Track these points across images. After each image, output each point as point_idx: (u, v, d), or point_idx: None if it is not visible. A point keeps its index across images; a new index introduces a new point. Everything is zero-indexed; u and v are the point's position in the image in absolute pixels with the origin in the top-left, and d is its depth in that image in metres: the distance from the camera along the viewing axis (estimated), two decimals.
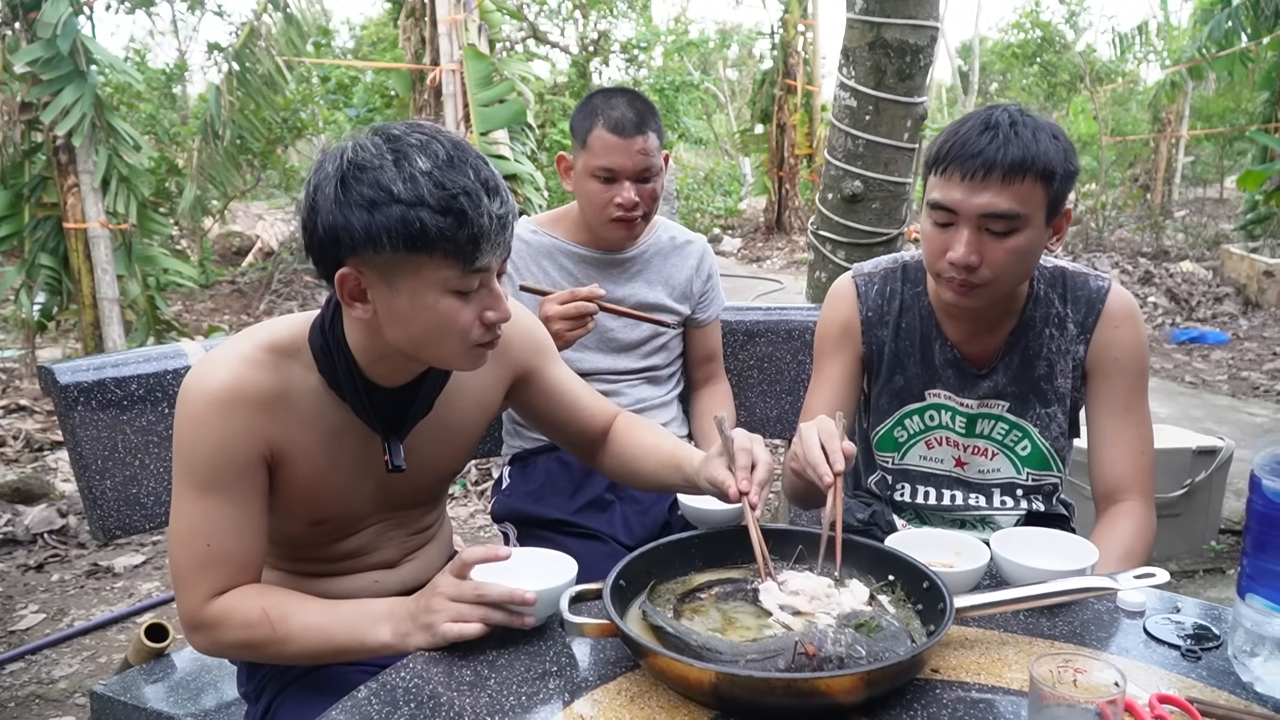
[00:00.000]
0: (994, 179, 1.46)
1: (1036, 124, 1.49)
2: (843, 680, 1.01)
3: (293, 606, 1.23)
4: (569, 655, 1.18)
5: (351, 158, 1.14)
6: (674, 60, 16.61)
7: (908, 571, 1.25)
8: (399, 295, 1.17)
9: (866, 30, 2.72)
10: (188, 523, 1.22)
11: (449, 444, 1.43)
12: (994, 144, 1.45)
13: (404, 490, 1.42)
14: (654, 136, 1.95)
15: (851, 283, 1.79)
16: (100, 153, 5.46)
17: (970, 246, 1.50)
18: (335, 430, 1.30)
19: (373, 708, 1.07)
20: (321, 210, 1.15)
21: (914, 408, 1.75)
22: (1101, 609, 1.29)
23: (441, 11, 6.42)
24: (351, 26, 15.98)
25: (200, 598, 1.23)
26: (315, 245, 1.18)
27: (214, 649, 1.28)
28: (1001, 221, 1.48)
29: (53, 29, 5.07)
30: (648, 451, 1.47)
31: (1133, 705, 1.05)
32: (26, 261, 5.69)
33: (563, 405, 1.53)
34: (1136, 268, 9.68)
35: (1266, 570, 1.08)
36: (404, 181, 1.11)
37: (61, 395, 1.68)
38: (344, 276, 1.17)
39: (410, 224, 1.11)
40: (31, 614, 3.19)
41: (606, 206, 1.96)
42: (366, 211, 1.12)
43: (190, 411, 1.21)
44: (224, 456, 1.20)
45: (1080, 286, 1.68)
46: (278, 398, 1.23)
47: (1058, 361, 1.68)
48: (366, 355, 1.27)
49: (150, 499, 1.77)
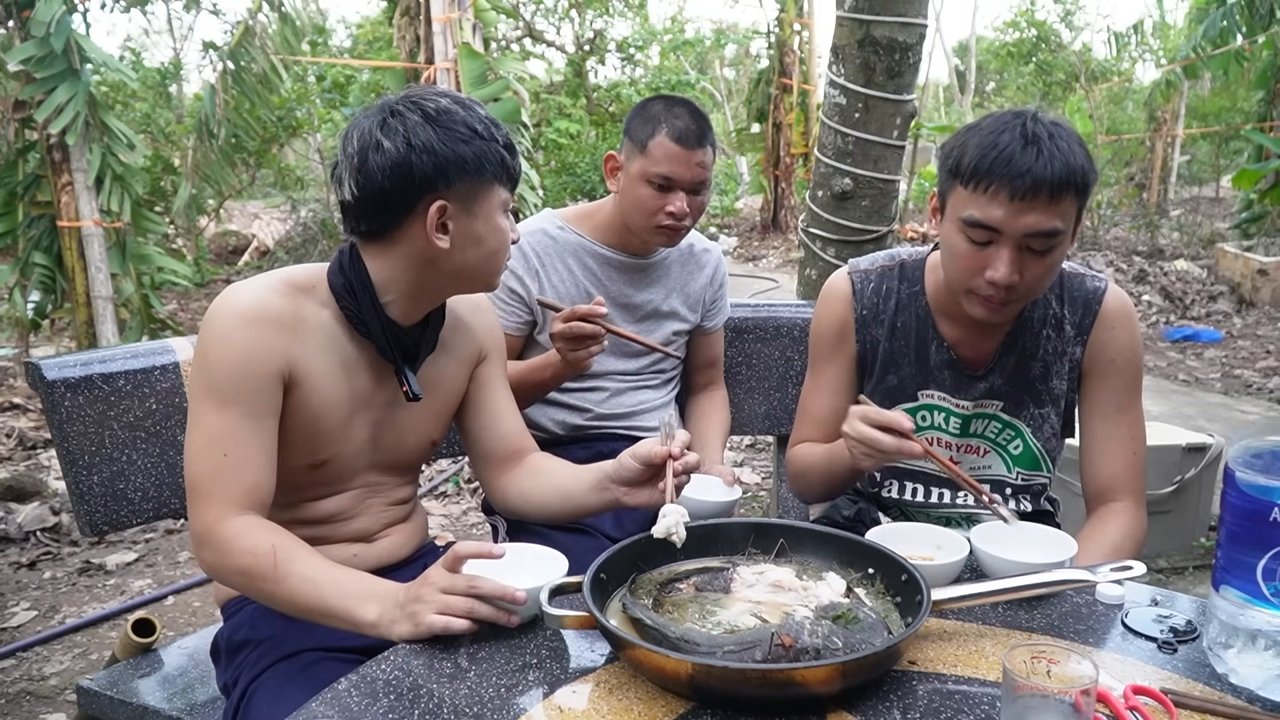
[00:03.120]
0: (1041, 198, 1.41)
1: (1068, 134, 1.46)
2: (818, 671, 1.02)
3: (300, 554, 1.27)
4: (549, 648, 1.18)
5: (429, 106, 1.33)
6: (670, 59, 16.61)
7: (887, 564, 1.26)
8: (477, 219, 1.37)
9: (856, 28, 2.73)
10: (205, 434, 1.29)
11: (434, 405, 1.54)
12: (1040, 161, 1.40)
13: (391, 445, 1.52)
14: (711, 150, 1.95)
15: (847, 279, 1.76)
16: (94, 151, 5.46)
17: (1013, 266, 1.45)
18: (346, 363, 1.41)
19: (353, 699, 1.07)
20: (417, 149, 1.31)
21: (906, 407, 1.72)
22: (1080, 602, 1.30)
23: (436, 10, 6.43)
24: (348, 25, 15.96)
25: (215, 512, 1.27)
26: (406, 184, 1.31)
27: (217, 570, 1.30)
28: (1044, 240, 1.44)
29: (46, 27, 5.07)
30: (579, 471, 1.51)
31: (1107, 696, 1.05)
32: (20, 260, 5.69)
33: (493, 407, 1.62)
34: (1131, 266, 9.70)
35: (1240, 562, 1.09)
36: (480, 123, 1.35)
37: (48, 391, 1.68)
38: (440, 208, 1.34)
39: (493, 155, 1.35)
40: (23, 611, 3.19)
41: (657, 214, 1.94)
42: (466, 144, 1.33)
43: (216, 327, 1.31)
44: (246, 369, 1.30)
45: (1077, 287, 1.67)
46: (297, 323, 1.35)
47: (1054, 363, 1.68)
48: (389, 291, 1.40)
49: (138, 495, 1.77)
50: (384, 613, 1.20)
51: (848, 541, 1.32)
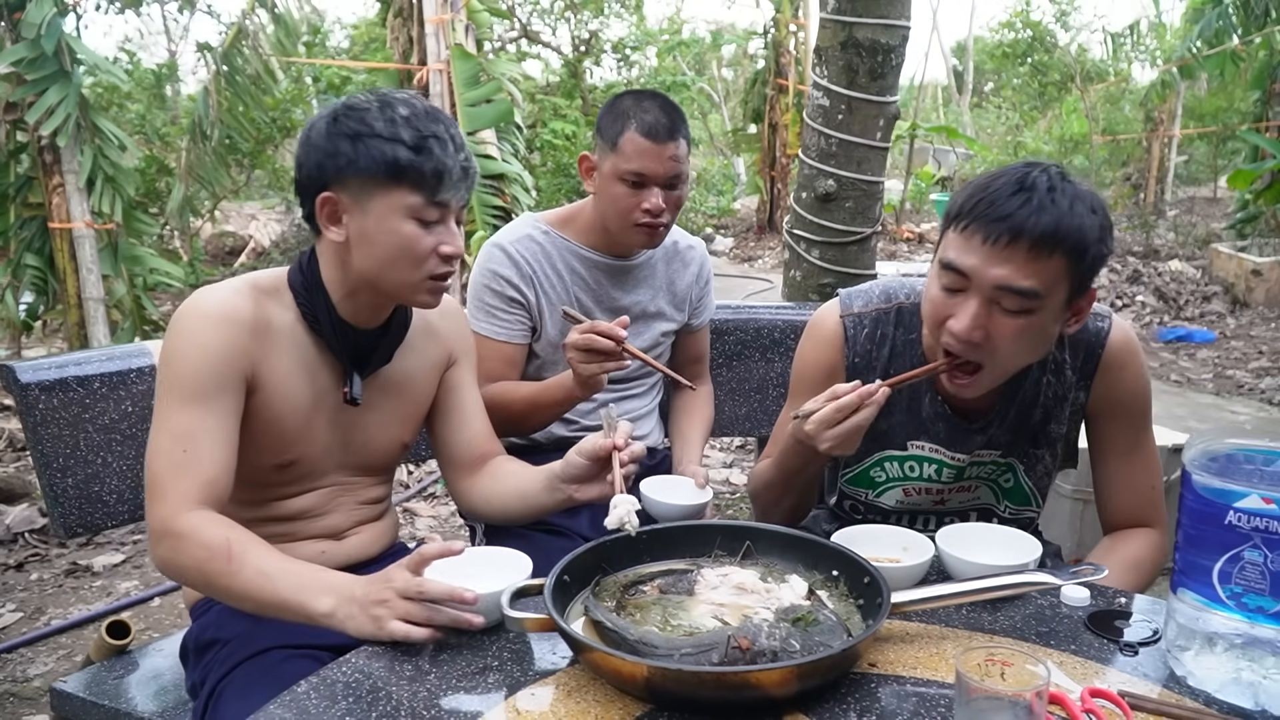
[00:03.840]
0: (1019, 249, 1.29)
1: (1076, 192, 1.33)
2: (773, 674, 1.02)
3: (255, 548, 1.26)
4: (512, 650, 1.19)
5: (345, 102, 1.38)
6: (667, 60, 16.61)
7: (850, 566, 1.26)
8: (369, 217, 1.36)
9: (839, 30, 2.74)
10: (168, 433, 1.31)
11: (402, 408, 1.56)
12: (1025, 209, 1.29)
13: (360, 446, 1.53)
14: (684, 143, 1.90)
15: (840, 325, 1.63)
16: (85, 153, 5.46)
17: (976, 320, 1.34)
18: (308, 364, 1.43)
19: (311, 701, 1.07)
20: (313, 141, 1.36)
21: (893, 454, 1.65)
22: (1045, 604, 1.30)
23: (429, 11, 6.42)
24: (343, 26, 15.95)
25: (172, 506, 1.28)
26: (304, 177, 1.38)
27: (170, 566, 1.30)
28: (1017, 299, 1.32)
29: (37, 29, 5.07)
30: (534, 472, 1.53)
31: (1063, 698, 1.06)
32: (12, 261, 5.69)
33: (461, 412, 1.63)
34: (1125, 267, 9.70)
35: (1196, 565, 1.09)
36: (385, 121, 1.33)
37: (23, 394, 1.68)
38: (325, 199, 1.37)
39: (386, 154, 1.32)
40: (9, 613, 3.19)
41: (632, 211, 1.90)
42: (351, 141, 1.33)
43: (182, 328, 1.34)
44: (210, 368, 1.32)
45: (1079, 330, 1.52)
46: (261, 325, 1.38)
47: (1054, 408, 1.60)
48: (338, 290, 1.43)
49: (113, 496, 1.78)
50: (339, 606, 1.19)
51: (813, 544, 1.32)
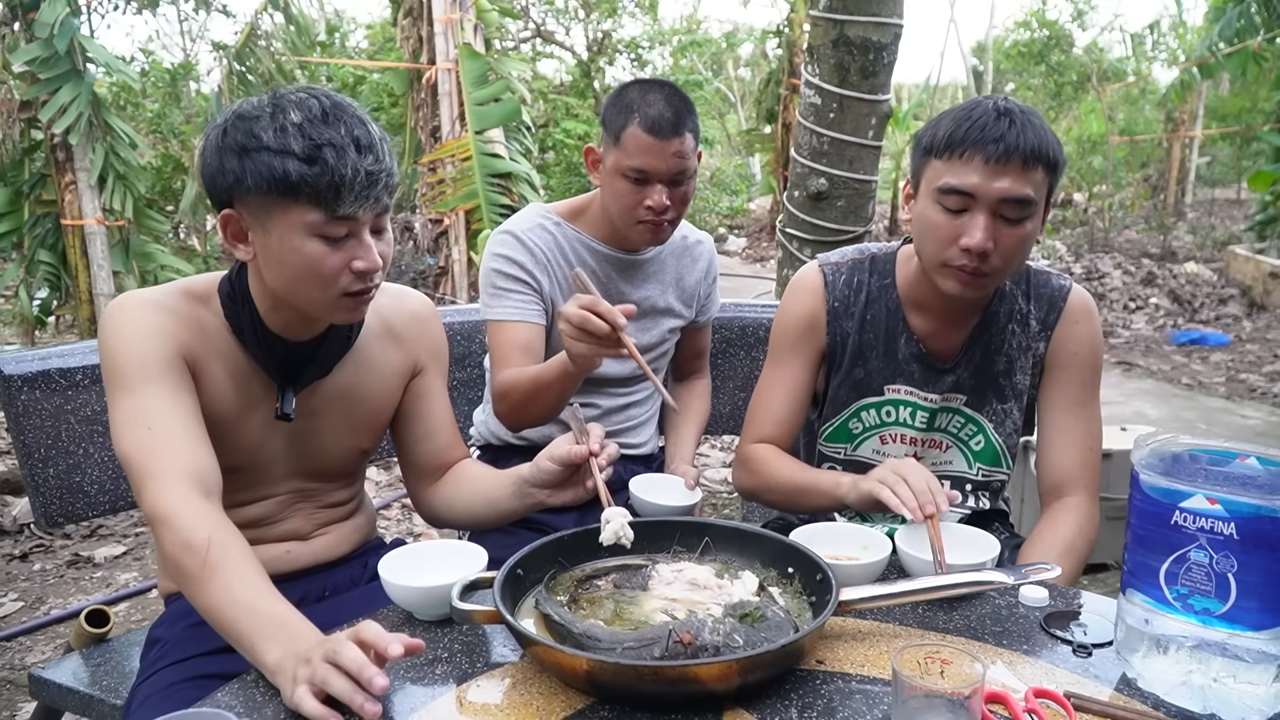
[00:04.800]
0: (1015, 164, 1.45)
1: (1039, 119, 1.51)
2: (712, 668, 1.02)
3: (232, 563, 1.16)
4: (463, 643, 1.19)
5: (236, 110, 1.26)
6: (682, 60, 16.59)
7: (805, 564, 1.26)
8: (270, 236, 1.26)
9: (830, 28, 2.73)
10: (125, 415, 1.26)
11: (356, 418, 1.50)
12: (1013, 130, 1.45)
13: (315, 454, 1.48)
14: (690, 137, 1.83)
15: (819, 272, 1.74)
16: (97, 151, 5.53)
17: (988, 232, 1.47)
18: (242, 375, 1.38)
19: (258, 690, 1.09)
20: (205, 156, 1.27)
21: (871, 401, 1.74)
22: (1002, 604, 1.30)
23: (438, 11, 6.46)
24: (355, 25, 16.04)
25: (154, 487, 1.21)
26: (206, 190, 1.30)
27: (160, 549, 1.21)
28: (1017, 207, 1.47)
29: (50, 29, 5.14)
30: (501, 477, 1.49)
31: (1006, 698, 1.05)
32: (26, 257, 5.77)
33: (428, 421, 1.58)
34: (1140, 269, 9.63)
35: (1144, 566, 1.08)
36: (275, 131, 1.21)
37: (4, 385, 1.71)
38: (226, 218, 1.29)
39: (274, 169, 1.20)
40: (11, 602, 3.23)
41: (635, 208, 1.84)
42: (237, 157, 1.22)
43: (115, 322, 1.29)
44: (149, 349, 1.27)
45: (1043, 284, 1.70)
46: (193, 324, 1.33)
47: (1018, 358, 1.69)
48: (264, 303, 1.36)
49: (94, 487, 1.80)
50: (283, 659, 1.06)
51: (770, 540, 1.32)
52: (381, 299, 1.52)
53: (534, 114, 10.93)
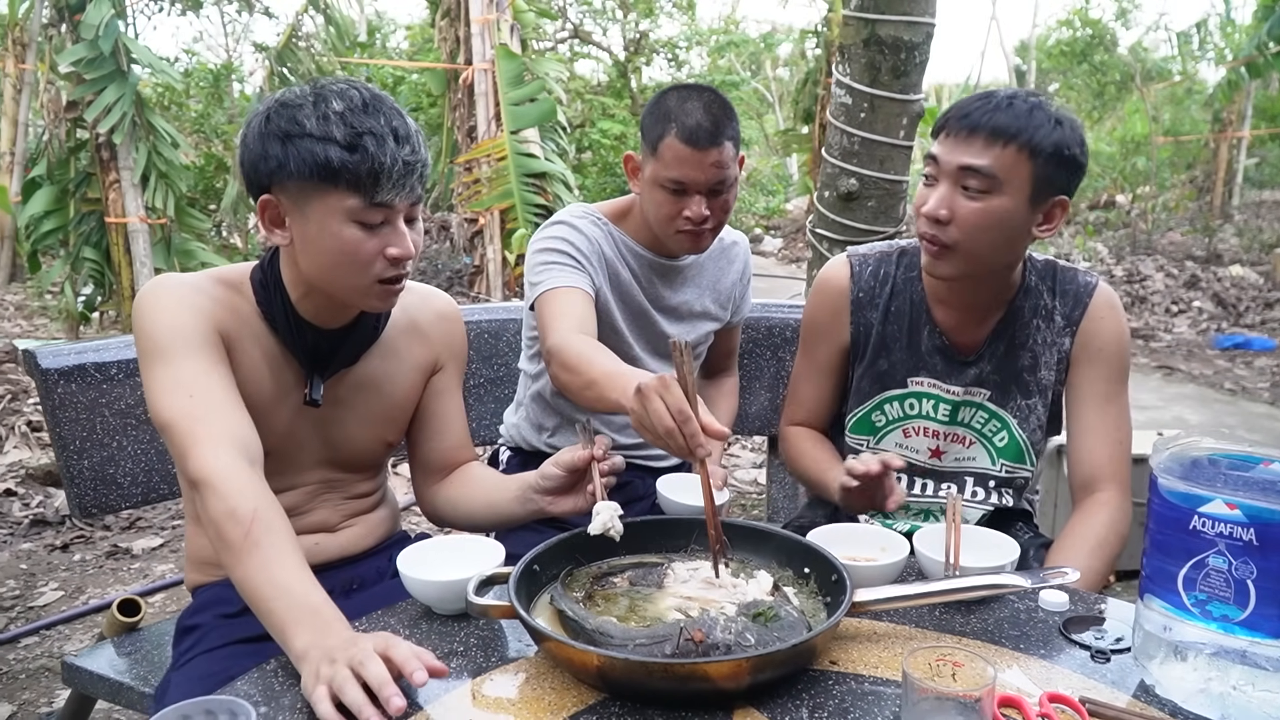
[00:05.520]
0: (977, 139, 1.49)
1: (1039, 104, 1.52)
2: (722, 666, 1.02)
3: (275, 540, 1.17)
4: (479, 637, 1.21)
5: (279, 98, 1.29)
6: (720, 60, 16.56)
7: (821, 564, 1.26)
8: (309, 222, 1.29)
9: (861, 27, 2.71)
10: (166, 386, 1.27)
11: (380, 408, 1.53)
12: (982, 110, 1.50)
13: (341, 444, 1.51)
14: (730, 145, 1.77)
15: (846, 262, 1.80)
16: (140, 150, 5.64)
17: (941, 200, 1.53)
18: (272, 360, 1.41)
19: (277, 679, 1.11)
20: (247, 142, 1.30)
21: (895, 394, 1.76)
22: (1021, 608, 1.29)
23: (475, 11, 6.50)
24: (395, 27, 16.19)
25: (198, 452, 1.22)
26: (245, 177, 1.33)
27: (204, 514, 1.20)
28: (976, 178, 1.50)
29: (95, 30, 5.25)
30: (506, 481, 1.52)
31: (1019, 702, 1.05)
32: (71, 254, 5.90)
33: (441, 419, 1.61)
34: (1183, 271, 9.46)
35: (1163, 571, 1.07)
36: (318, 119, 1.24)
37: (43, 378, 1.75)
38: (265, 203, 1.31)
39: (317, 155, 1.24)
40: (51, 591, 3.30)
41: (674, 218, 1.80)
42: (280, 143, 1.26)
43: (148, 299, 1.32)
44: (187, 322, 1.30)
45: (1069, 281, 1.70)
46: (227, 308, 1.36)
47: (1042, 354, 1.69)
48: (296, 290, 1.39)
49: (127, 479, 1.84)
50: (309, 650, 1.06)
51: (787, 540, 1.32)
52: (409, 297, 1.55)
53: (570, 114, 10.97)
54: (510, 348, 2.33)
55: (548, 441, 2.07)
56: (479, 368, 2.33)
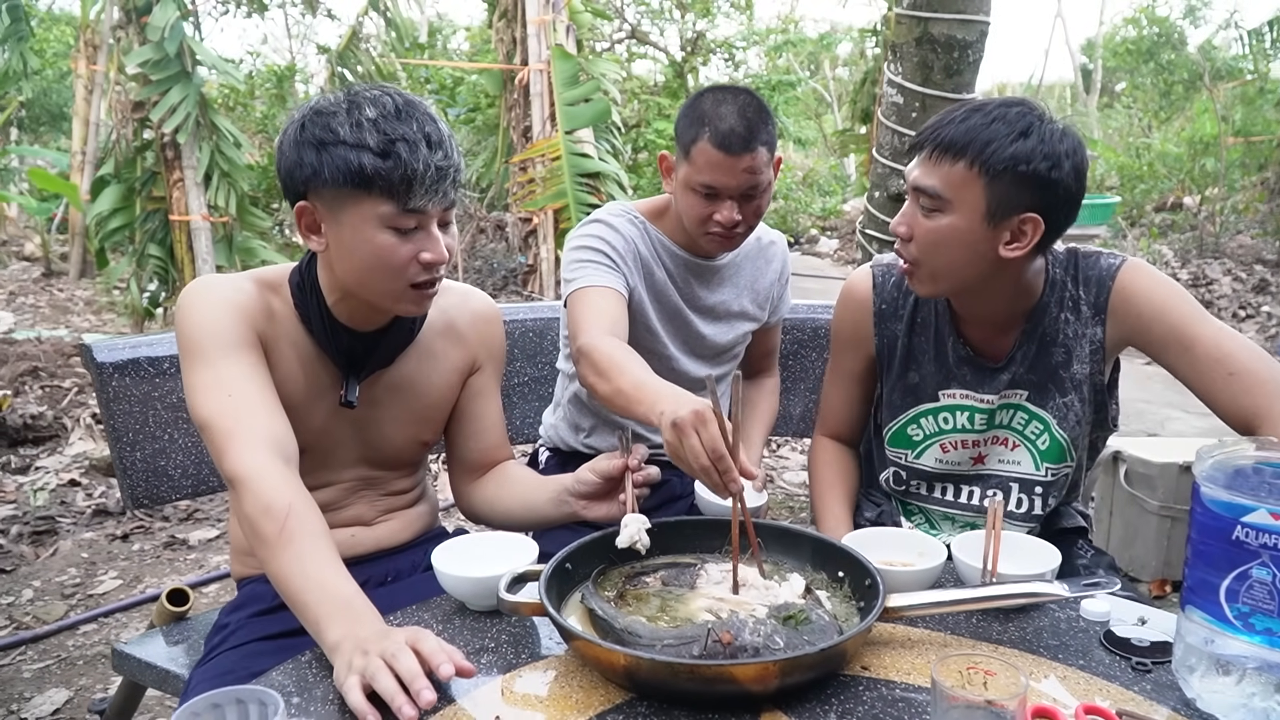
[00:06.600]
0: (925, 155, 1.49)
1: (1016, 117, 1.43)
2: (749, 669, 1.02)
3: (310, 532, 1.19)
4: (510, 634, 1.22)
5: (313, 106, 1.31)
6: (777, 59, 16.45)
7: (855, 568, 1.25)
8: (343, 228, 1.31)
9: (914, 25, 2.68)
10: (206, 385, 1.30)
11: (416, 409, 1.54)
12: (940, 124, 1.49)
13: (377, 443, 1.53)
14: (764, 151, 1.75)
15: (869, 273, 1.77)
16: (203, 149, 5.78)
17: (903, 217, 1.56)
18: (309, 361, 1.43)
19: (310, 670, 1.13)
20: (283, 150, 1.32)
21: (928, 408, 1.72)
22: (1061, 616, 1.26)
23: (531, 12, 6.55)
24: (454, 28, 16.36)
25: (235, 450, 1.25)
26: (282, 184, 1.35)
27: (238, 519, 1.24)
28: (926, 198, 1.49)
29: (161, 32, 5.39)
30: (542, 482, 1.53)
31: (1054, 713, 1.03)
32: (137, 251, 6.06)
33: (479, 419, 1.62)
34: (1251, 275, 9.16)
35: (1205, 583, 1.04)
36: (351, 126, 1.26)
37: (98, 372, 1.80)
38: (301, 209, 1.33)
39: (350, 163, 1.25)
40: (110, 580, 3.40)
41: (705, 221, 1.80)
42: (315, 150, 1.27)
43: (189, 300, 1.36)
44: (227, 325, 1.33)
45: (1091, 267, 1.62)
46: (265, 310, 1.39)
47: (1074, 347, 1.63)
48: (332, 293, 1.41)
49: (177, 471, 1.88)
50: (342, 642, 1.08)
51: (822, 544, 1.31)
52: (448, 298, 1.56)
53: (626, 114, 10.99)
54: (555, 346, 2.34)
55: (584, 442, 2.08)
56: (523, 366, 2.35)
